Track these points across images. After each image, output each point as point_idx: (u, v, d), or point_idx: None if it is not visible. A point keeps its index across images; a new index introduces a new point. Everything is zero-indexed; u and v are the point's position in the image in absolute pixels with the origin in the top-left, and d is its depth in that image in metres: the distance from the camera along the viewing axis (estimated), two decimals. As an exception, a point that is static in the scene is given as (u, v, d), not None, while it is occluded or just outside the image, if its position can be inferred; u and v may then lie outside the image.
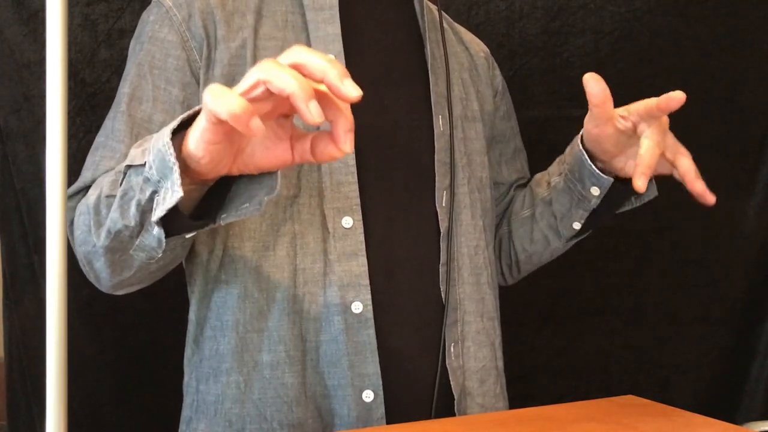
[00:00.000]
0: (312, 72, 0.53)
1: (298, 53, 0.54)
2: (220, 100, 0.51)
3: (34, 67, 1.21)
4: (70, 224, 0.80)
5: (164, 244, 0.66)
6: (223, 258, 0.81)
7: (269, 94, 0.53)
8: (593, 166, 0.85)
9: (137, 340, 1.28)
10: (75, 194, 0.80)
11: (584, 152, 0.85)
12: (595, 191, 0.86)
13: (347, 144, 0.55)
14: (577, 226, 0.91)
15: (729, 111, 1.49)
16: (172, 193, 0.59)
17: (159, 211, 0.62)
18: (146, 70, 0.81)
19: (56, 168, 0.48)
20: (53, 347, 0.48)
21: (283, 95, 0.52)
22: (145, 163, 0.62)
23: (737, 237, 1.52)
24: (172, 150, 0.59)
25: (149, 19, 0.84)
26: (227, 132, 0.55)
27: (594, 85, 0.76)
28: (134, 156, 0.65)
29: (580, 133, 0.87)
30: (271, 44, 0.82)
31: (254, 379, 0.79)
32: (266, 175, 0.62)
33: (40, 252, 1.21)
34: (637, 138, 0.80)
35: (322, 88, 0.54)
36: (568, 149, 0.91)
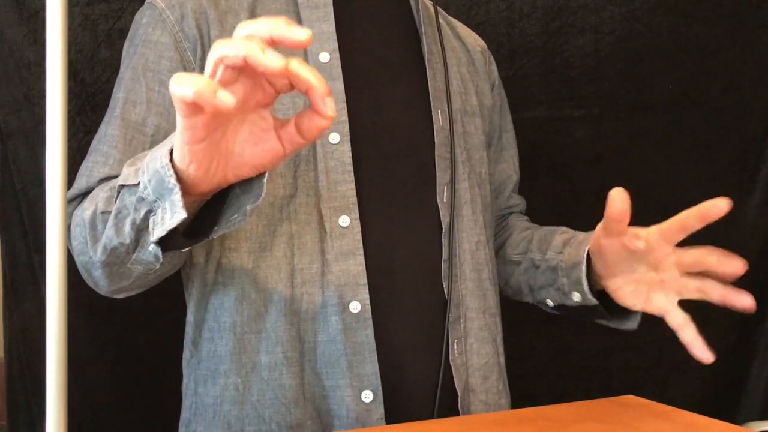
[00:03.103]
0: (262, 36, 0.50)
1: (242, 28, 0.51)
2: (183, 84, 0.49)
3: (34, 67, 1.21)
4: (67, 229, 0.80)
5: (161, 258, 0.67)
6: (219, 260, 0.81)
7: (233, 72, 0.51)
8: (585, 283, 0.82)
9: (137, 340, 1.28)
10: (71, 201, 0.80)
11: (584, 266, 0.82)
12: (576, 297, 0.84)
13: (328, 108, 0.52)
14: (549, 303, 0.91)
15: (729, 111, 1.49)
16: (172, 215, 0.59)
17: (158, 231, 0.62)
18: (140, 72, 0.81)
19: (56, 168, 0.48)
20: (53, 347, 0.48)
21: (239, 63, 0.49)
22: (139, 183, 0.62)
23: (737, 237, 1.51)
24: (171, 171, 0.57)
25: (142, 21, 0.84)
26: (206, 125, 0.53)
27: (618, 202, 0.72)
28: (127, 175, 0.65)
29: (592, 235, 0.82)
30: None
31: (252, 381, 0.79)
32: (254, 181, 0.61)
33: (40, 252, 1.21)
34: (644, 269, 0.76)
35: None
36: (581, 237, 0.87)
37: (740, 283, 1.68)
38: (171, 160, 0.58)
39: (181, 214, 0.58)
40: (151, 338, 1.27)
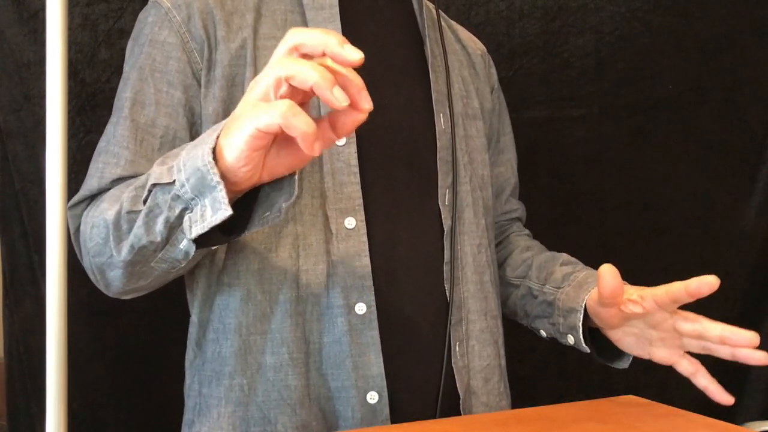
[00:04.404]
0: (312, 49, 0.55)
1: (293, 35, 0.55)
2: (295, 119, 0.53)
3: (34, 67, 1.21)
4: (75, 232, 0.80)
5: (191, 256, 0.68)
6: (225, 261, 0.80)
7: (291, 89, 0.55)
8: (580, 332, 0.83)
9: (137, 340, 1.28)
10: (80, 202, 0.80)
11: (581, 315, 0.83)
12: (570, 340, 0.86)
13: (365, 102, 0.56)
14: (543, 334, 0.93)
15: (729, 111, 1.49)
16: (214, 212, 0.61)
17: (198, 228, 0.63)
18: (147, 73, 0.81)
19: (56, 168, 0.48)
20: (53, 347, 0.48)
21: (306, 88, 0.53)
22: (174, 181, 0.63)
23: (737, 237, 1.52)
24: (215, 169, 0.59)
25: (147, 20, 0.83)
26: (272, 137, 0.56)
27: (609, 280, 0.72)
28: (160, 174, 0.65)
29: (593, 280, 0.82)
30: (270, 44, 0.82)
31: (258, 382, 0.78)
32: (285, 180, 0.63)
33: (40, 252, 1.21)
34: (642, 327, 0.78)
35: (331, 64, 0.55)
36: (582, 276, 0.87)
37: (740, 283, 1.68)
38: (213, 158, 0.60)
39: (226, 211, 0.60)
40: (151, 338, 1.27)
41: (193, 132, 0.81)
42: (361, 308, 0.78)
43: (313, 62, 0.54)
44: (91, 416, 1.27)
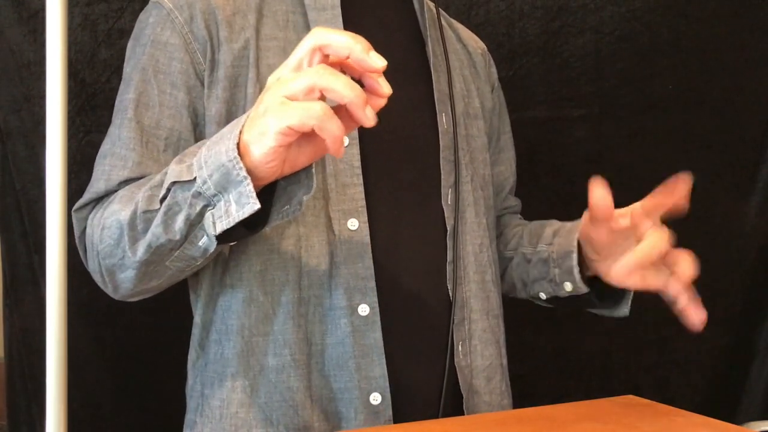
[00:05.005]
0: (337, 51, 0.56)
1: (320, 34, 0.57)
2: (329, 123, 0.55)
3: (34, 67, 1.21)
4: (81, 235, 0.80)
5: (210, 253, 0.68)
6: (228, 262, 0.80)
7: (320, 93, 0.56)
8: (576, 270, 0.84)
9: (137, 340, 1.28)
10: (86, 205, 0.80)
11: (575, 255, 0.84)
12: (568, 287, 0.87)
13: (385, 87, 0.59)
14: (543, 296, 0.93)
15: (729, 111, 1.49)
16: (240, 206, 0.61)
17: (223, 224, 0.63)
18: (150, 74, 0.81)
19: (56, 168, 0.48)
20: (53, 347, 0.48)
21: (338, 101, 0.55)
22: (195, 178, 0.63)
23: (737, 237, 1.52)
24: (241, 164, 0.60)
25: (149, 20, 0.83)
26: (300, 134, 0.57)
27: (600, 197, 0.73)
28: (180, 172, 0.65)
29: (580, 223, 0.84)
30: (272, 44, 0.82)
31: (260, 383, 0.78)
32: (302, 173, 0.64)
33: (40, 252, 1.21)
34: (630, 243, 0.76)
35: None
36: (569, 226, 0.89)
37: (740, 283, 1.68)
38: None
39: (255, 205, 0.60)
40: (151, 338, 1.27)
41: (197, 133, 0.81)
42: (364, 310, 0.78)
43: (348, 78, 0.56)
44: (91, 416, 1.27)
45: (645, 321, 1.49)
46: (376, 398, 0.78)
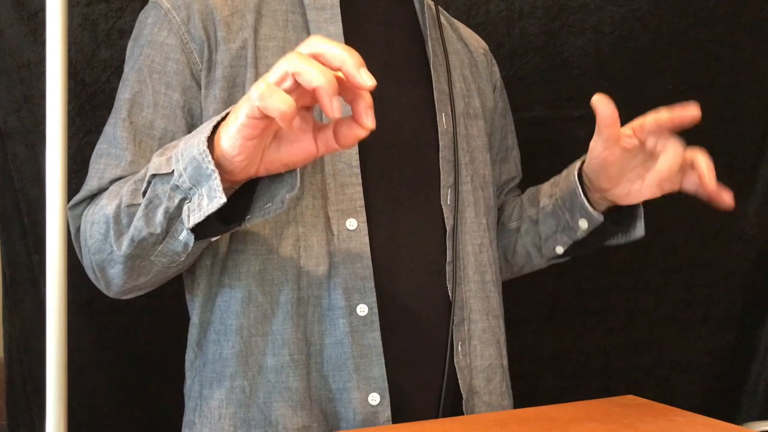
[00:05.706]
0: (330, 61, 0.56)
1: (317, 43, 0.57)
2: (270, 99, 0.54)
3: (34, 67, 1.21)
4: (76, 232, 0.80)
5: (190, 248, 0.68)
6: (226, 261, 0.80)
7: (296, 86, 0.56)
8: (585, 201, 0.86)
9: (137, 340, 1.28)
10: (80, 202, 0.80)
11: (579, 185, 0.86)
12: (584, 224, 0.88)
13: (369, 120, 0.58)
14: (560, 250, 0.94)
15: (729, 111, 1.49)
16: (209, 200, 0.62)
17: (195, 217, 0.64)
18: (146, 74, 0.81)
19: (56, 168, 0.48)
20: (53, 347, 0.48)
21: (309, 87, 0.54)
22: (173, 171, 0.64)
23: (737, 237, 1.52)
24: (210, 158, 0.61)
25: (147, 21, 0.83)
26: (265, 127, 0.58)
27: (604, 106, 0.75)
28: (159, 165, 0.66)
29: (579, 160, 0.87)
30: (271, 44, 0.82)
31: (259, 384, 0.78)
32: (287, 173, 0.64)
33: (40, 252, 1.21)
34: (642, 159, 0.80)
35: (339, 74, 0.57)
36: (564, 173, 0.92)
37: (740, 283, 1.68)
38: (208, 146, 0.61)
39: (221, 199, 0.61)
40: (150, 339, 1.27)
41: None
42: (362, 309, 0.78)
43: (325, 67, 0.55)
44: (91, 416, 1.27)
45: (645, 321, 1.49)
46: (374, 398, 0.78)
